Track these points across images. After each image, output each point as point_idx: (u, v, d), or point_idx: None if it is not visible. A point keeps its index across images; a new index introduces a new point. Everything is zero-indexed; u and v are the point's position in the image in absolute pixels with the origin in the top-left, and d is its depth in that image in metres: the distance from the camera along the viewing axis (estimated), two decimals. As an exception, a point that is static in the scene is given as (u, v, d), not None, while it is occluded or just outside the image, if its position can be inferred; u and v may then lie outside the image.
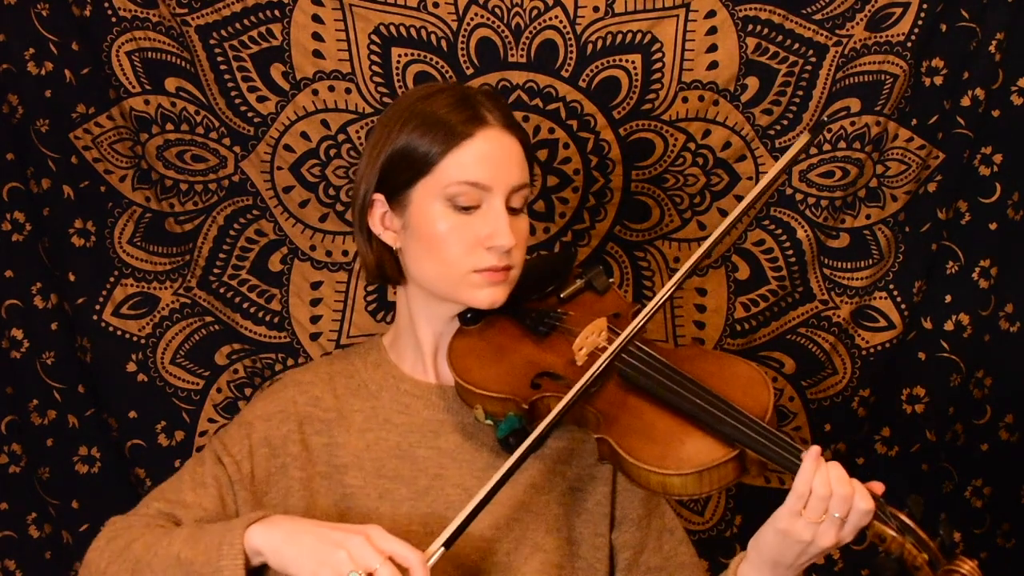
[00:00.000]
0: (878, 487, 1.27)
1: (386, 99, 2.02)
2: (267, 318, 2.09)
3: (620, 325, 1.44)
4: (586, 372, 1.36)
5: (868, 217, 2.08)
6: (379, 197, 1.46)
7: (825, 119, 2.03)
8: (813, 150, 2.06)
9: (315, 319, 2.08)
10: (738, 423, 1.29)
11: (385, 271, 1.50)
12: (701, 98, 2.04)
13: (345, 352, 1.61)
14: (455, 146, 1.41)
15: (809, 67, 2.03)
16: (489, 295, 1.43)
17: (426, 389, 1.51)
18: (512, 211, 1.43)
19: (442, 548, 1.28)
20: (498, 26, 2.01)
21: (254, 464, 1.49)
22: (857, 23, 2.01)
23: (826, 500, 1.24)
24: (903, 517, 1.25)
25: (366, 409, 1.51)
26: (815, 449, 1.26)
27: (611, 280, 1.57)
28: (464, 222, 1.41)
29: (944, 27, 2.01)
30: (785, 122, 2.05)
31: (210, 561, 1.29)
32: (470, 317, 1.48)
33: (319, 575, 1.23)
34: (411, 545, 1.25)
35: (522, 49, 2.02)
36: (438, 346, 1.52)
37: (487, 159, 1.41)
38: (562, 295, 1.54)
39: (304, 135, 2.04)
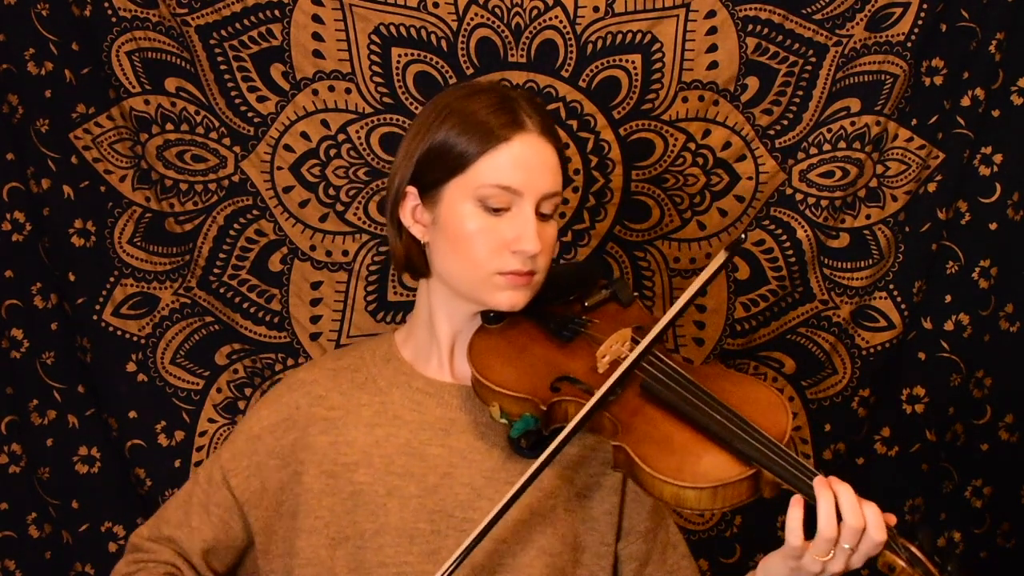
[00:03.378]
0: (890, 519, 1.26)
1: (386, 99, 2.02)
2: (267, 318, 2.08)
3: (643, 338, 1.44)
4: (607, 380, 1.36)
5: (868, 217, 2.08)
6: (412, 190, 1.47)
7: (743, 236, 2.03)
8: (813, 150, 2.06)
9: (315, 319, 2.08)
10: (757, 443, 1.28)
11: (412, 263, 1.51)
12: (701, 98, 2.04)
13: (354, 346, 1.61)
14: (491, 148, 1.41)
15: (809, 67, 2.03)
16: (510, 298, 1.44)
17: (439, 387, 1.51)
18: (542, 217, 1.44)
19: None
20: (498, 26, 2.01)
21: (264, 478, 1.52)
22: (857, 23, 2.01)
23: (832, 542, 1.23)
24: (914, 549, 1.23)
25: (375, 404, 1.51)
26: (796, 501, 1.24)
27: (636, 294, 1.57)
28: (492, 224, 1.42)
29: (944, 27, 2.01)
30: (785, 122, 2.05)
31: None
32: (493, 316, 1.48)
33: None
34: None
35: (522, 49, 2.02)
36: (455, 343, 1.52)
37: (521, 164, 1.41)
38: (587, 303, 1.54)
39: (304, 135, 2.04)
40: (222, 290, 2.08)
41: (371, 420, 1.50)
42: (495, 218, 1.42)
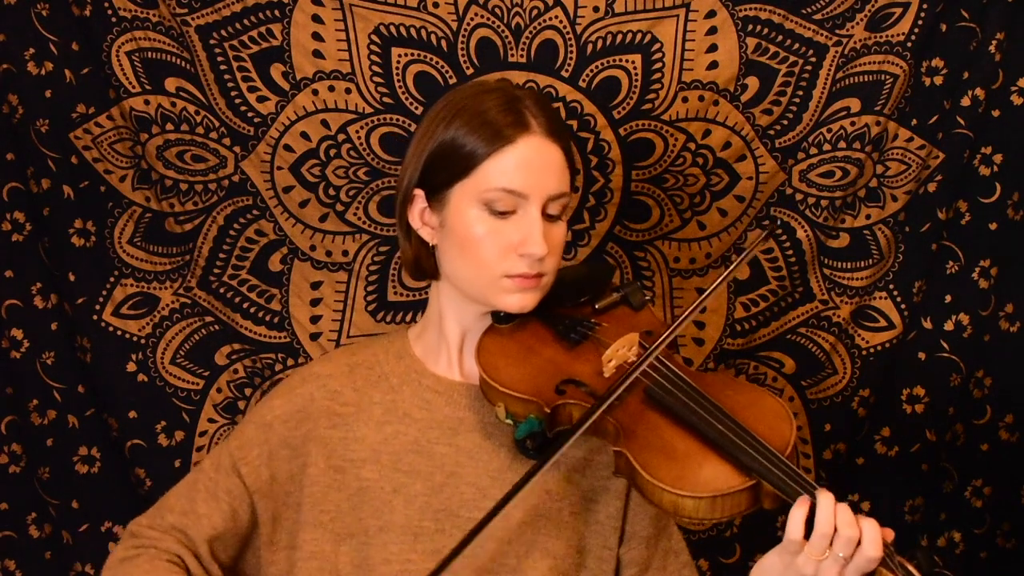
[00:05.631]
0: (888, 534, 1.26)
1: (386, 99, 2.02)
2: (267, 318, 2.09)
3: (652, 343, 1.44)
4: (611, 385, 1.36)
5: (868, 217, 2.08)
6: (419, 193, 1.47)
7: (776, 218, 2.05)
8: (813, 150, 2.06)
9: (315, 319, 2.09)
10: (758, 454, 1.28)
11: (422, 266, 1.51)
12: (701, 98, 2.04)
13: (369, 341, 1.61)
14: (496, 151, 1.41)
15: (809, 67, 2.03)
16: (519, 300, 1.44)
17: (449, 386, 1.51)
18: (549, 218, 1.44)
19: None
20: (498, 26, 2.01)
21: (275, 468, 1.51)
22: (857, 23, 2.01)
23: (828, 538, 1.23)
24: (911, 568, 1.22)
25: (386, 402, 1.52)
26: (802, 500, 1.24)
27: (647, 298, 1.57)
28: (499, 227, 1.42)
29: (944, 27, 2.01)
30: (785, 122, 2.05)
31: None
32: (503, 316, 1.48)
33: None
34: None
35: (522, 49, 2.02)
36: (464, 343, 1.52)
37: (526, 167, 1.41)
38: (597, 306, 1.54)
39: (304, 135, 2.04)
40: (222, 290, 2.08)
41: (381, 418, 1.51)
42: (502, 221, 1.42)
